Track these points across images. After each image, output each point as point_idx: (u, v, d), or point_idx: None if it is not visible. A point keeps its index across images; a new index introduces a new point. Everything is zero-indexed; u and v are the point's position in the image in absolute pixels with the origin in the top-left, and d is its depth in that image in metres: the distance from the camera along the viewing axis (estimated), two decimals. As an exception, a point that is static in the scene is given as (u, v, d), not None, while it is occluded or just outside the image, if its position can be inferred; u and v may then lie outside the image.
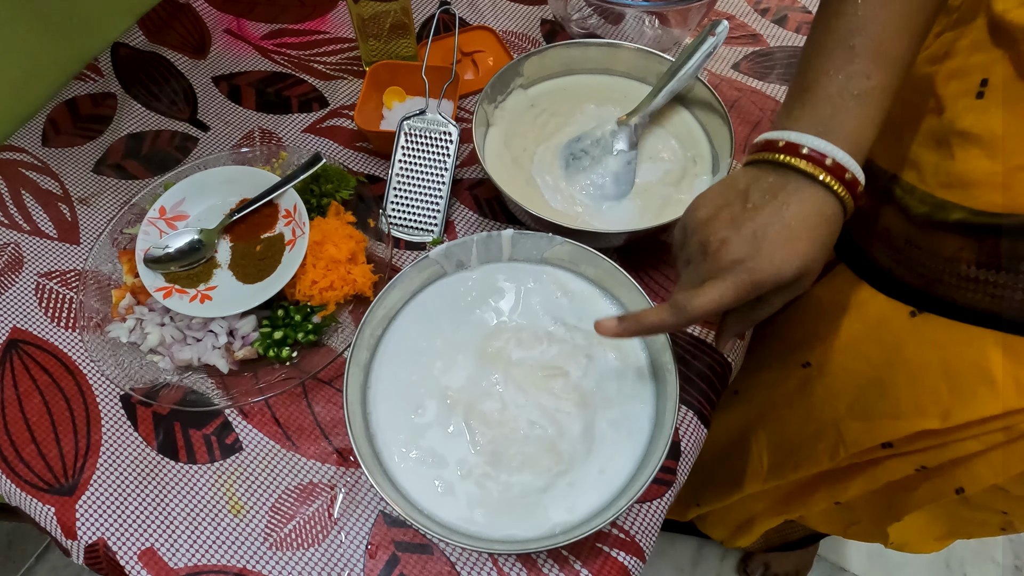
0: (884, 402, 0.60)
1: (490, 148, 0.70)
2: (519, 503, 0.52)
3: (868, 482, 0.67)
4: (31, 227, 0.72)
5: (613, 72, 0.75)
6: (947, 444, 0.57)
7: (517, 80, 0.73)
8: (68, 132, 0.79)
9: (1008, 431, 0.53)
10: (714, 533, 1.15)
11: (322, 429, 0.61)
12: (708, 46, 0.66)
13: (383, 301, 0.57)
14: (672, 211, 0.66)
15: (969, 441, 0.55)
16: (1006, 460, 0.55)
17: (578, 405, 0.55)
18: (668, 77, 0.68)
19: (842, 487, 0.71)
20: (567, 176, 0.69)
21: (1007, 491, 0.60)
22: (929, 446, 0.59)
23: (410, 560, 0.55)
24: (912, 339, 0.57)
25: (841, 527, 0.87)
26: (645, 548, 0.56)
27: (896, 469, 0.63)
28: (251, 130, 0.79)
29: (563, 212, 0.67)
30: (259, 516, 0.57)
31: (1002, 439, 0.54)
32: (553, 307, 0.60)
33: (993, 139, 0.47)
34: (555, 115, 0.73)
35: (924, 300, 0.55)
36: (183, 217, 0.67)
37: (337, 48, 0.87)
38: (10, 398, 0.62)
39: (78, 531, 0.56)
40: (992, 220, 0.47)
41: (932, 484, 0.63)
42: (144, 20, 0.88)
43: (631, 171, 0.68)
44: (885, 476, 0.64)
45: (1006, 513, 0.64)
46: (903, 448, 0.61)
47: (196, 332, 0.62)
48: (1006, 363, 0.51)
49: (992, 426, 0.53)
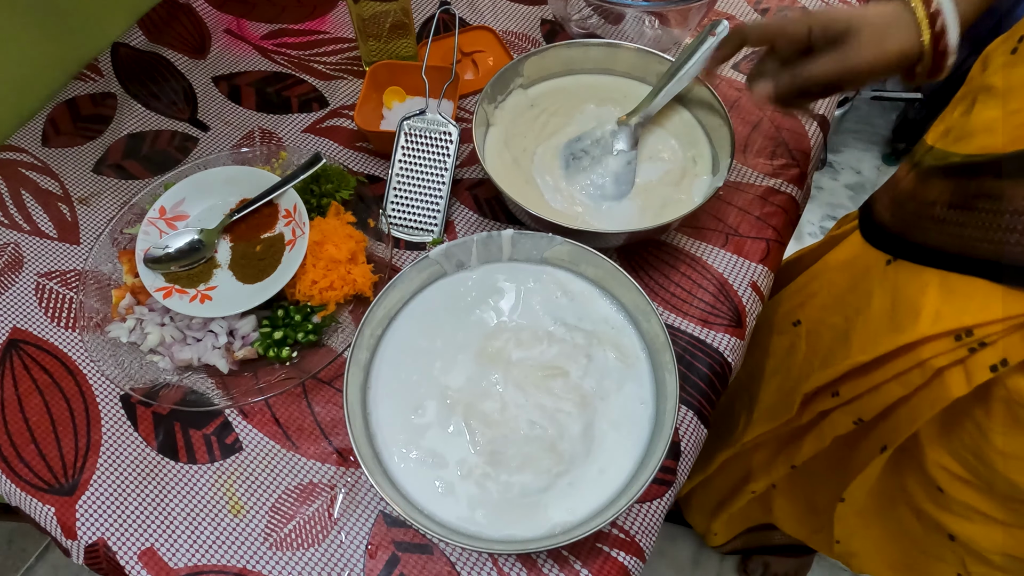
0: (843, 350, 0.63)
1: (490, 148, 0.70)
2: (519, 503, 0.52)
3: (817, 440, 0.69)
4: (31, 227, 0.72)
5: (613, 72, 0.75)
6: (878, 388, 0.59)
7: (517, 80, 0.73)
8: (68, 132, 0.79)
9: (923, 370, 0.54)
10: (695, 521, 1.16)
11: (322, 429, 0.61)
12: (708, 46, 0.65)
13: (383, 301, 0.57)
14: (672, 211, 0.66)
15: (893, 384, 0.57)
16: (920, 405, 0.56)
17: (578, 405, 0.55)
18: (668, 77, 0.68)
19: (796, 447, 0.74)
20: (567, 176, 0.69)
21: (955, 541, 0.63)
22: (864, 391, 0.60)
23: (410, 560, 0.55)
24: (880, 287, 0.60)
25: (807, 532, 0.89)
26: (645, 548, 0.56)
27: (839, 423, 0.65)
28: (251, 130, 0.79)
29: (563, 212, 0.67)
30: (259, 516, 0.57)
31: (919, 381, 0.55)
32: (553, 307, 0.60)
33: (1009, 90, 0.48)
34: (555, 115, 0.73)
35: (901, 246, 0.57)
36: (183, 217, 0.67)
37: (337, 48, 0.87)
38: (10, 398, 0.62)
39: (78, 531, 0.56)
40: (968, 160, 0.50)
41: (867, 441, 0.65)
42: (144, 20, 0.88)
43: (631, 171, 0.68)
44: (831, 431, 0.66)
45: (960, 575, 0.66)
46: (846, 395, 0.63)
47: (196, 332, 0.62)
48: (935, 297, 0.52)
49: (910, 360, 0.55)
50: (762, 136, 0.78)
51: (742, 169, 0.76)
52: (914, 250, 0.56)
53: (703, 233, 0.71)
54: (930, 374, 0.54)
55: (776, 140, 0.78)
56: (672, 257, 0.70)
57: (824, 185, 1.90)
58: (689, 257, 0.70)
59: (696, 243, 0.71)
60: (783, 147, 0.78)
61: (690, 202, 0.66)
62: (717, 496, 1.01)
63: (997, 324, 0.48)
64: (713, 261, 0.70)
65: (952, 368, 0.52)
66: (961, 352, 0.51)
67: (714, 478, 0.96)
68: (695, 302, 0.67)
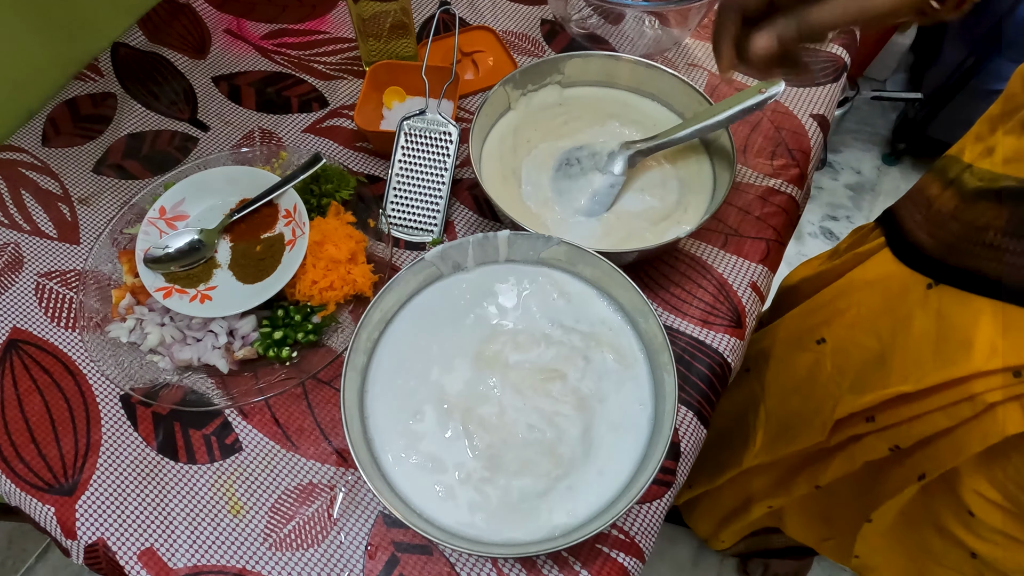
0: (879, 374, 0.61)
1: (499, 129, 0.71)
2: (519, 507, 0.52)
3: (846, 462, 0.67)
4: (31, 227, 0.72)
5: (651, 95, 0.74)
6: (920, 417, 0.57)
7: (556, 76, 0.73)
8: (68, 132, 0.79)
9: (973, 404, 0.52)
10: (700, 527, 1.14)
11: (322, 429, 0.61)
12: (752, 103, 0.62)
13: (379, 304, 0.57)
14: (633, 244, 0.64)
15: (938, 415, 0.55)
16: (966, 438, 0.55)
17: (576, 408, 0.55)
18: (695, 120, 0.66)
19: (822, 467, 0.72)
20: (554, 179, 0.69)
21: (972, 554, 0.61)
22: (903, 419, 0.59)
23: (409, 561, 0.55)
24: (922, 311, 0.57)
25: (816, 539, 0.88)
26: (645, 549, 0.57)
27: (872, 447, 0.63)
28: (251, 130, 0.79)
29: (528, 208, 0.67)
30: (259, 516, 0.57)
31: (968, 414, 0.53)
32: (550, 309, 0.60)
33: None
34: (577, 120, 0.73)
35: (943, 271, 0.55)
36: (183, 217, 0.67)
37: (337, 48, 0.87)
38: (10, 398, 0.62)
39: (78, 531, 0.57)
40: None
41: (902, 468, 0.63)
42: (144, 20, 0.88)
43: (611, 195, 0.67)
44: (862, 455, 0.65)
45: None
46: (883, 422, 0.61)
47: (196, 332, 0.62)
48: (988, 329, 0.50)
49: (960, 392, 0.53)
50: (762, 136, 0.78)
51: (742, 169, 0.76)
52: (962, 276, 0.54)
53: (703, 233, 0.71)
54: (980, 408, 0.52)
55: (776, 140, 0.78)
56: (671, 257, 0.70)
57: (824, 185, 1.90)
58: (688, 257, 0.70)
59: (696, 243, 0.71)
60: (783, 147, 0.78)
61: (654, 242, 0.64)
62: (729, 505, 0.99)
63: None
64: (713, 261, 0.70)
65: (1007, 404, 0.51)
66: (1018, 389, 0.49)
67: (724, 488, 0.94)
68: (694, 302, 0.67)
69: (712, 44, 0.49)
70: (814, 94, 0.82)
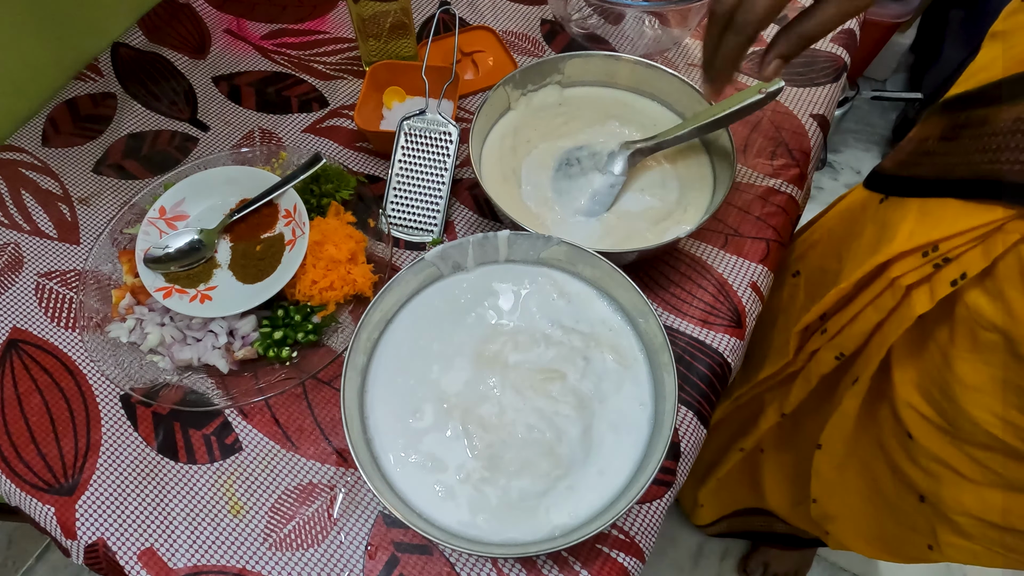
0: (833, 285, 0.64)
1: (499, 129, 0.71)
2: (519, 507, 0.52)
3: (804, 382, 0.71)
4: (31, 227, 0.72)
5: (652, 95, 0.74)
6: (857, 317, 0.61)
7: (556, 76, 0.74)
8: (68, 132, 0.79)
9: (894, 290, 0.56)
10: (683, 494, 1.17)
11: (322, 429, 0.61)
12: (752, 102, 0.62)
13: (379, 305, 0.57)
14: (633, 244, 0.64)
15: (869, 310, 0.59)
16: (890, 328, 0.59)
17: (576, 408, 0.55)
18: (695, 120, 0.66)
19: (785, 393, 0.75)
20: (554, 179, 0.69)
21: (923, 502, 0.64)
22: (846, 323, 0.63)
23: (409, 561, 0.55)
24: (872, 223, 0.62)
25: (790, 504, 0.90)
26: (645, 549, 0.57)
27: (823, 360, 0.67)
28: (251, 130, 0.79)
29: (528, 208, 0.67)
30: (259, 516, 0.57)
31: (891, 303, 0.57)
32: (550, 309, 0.60)
33: (1009, 32, 0.52)
34: (576, 120, 0.73)
35: (892, 184, 0.60)
36: (183, 217, 0.67)
37: (337, 48, 0.87)
38: (10, 398, 0.62)
39: (78, 531, 0.57)
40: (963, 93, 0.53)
41: (846, 377, 0.67)
42: (144, 20, 0.88)
43: (611, 195, 0.67)
44: (816, 370, 0.68)
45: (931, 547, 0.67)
46: (832, 330, 0.65)
47: (196, 332, 0.62)
48: (911, 221, 0.55)
49: (883, 281, 0.57)
50: (762, 136, 0.78)
51: (742, 169, 0.76)
52: (904, 184, 0.58)
53: (702, 233, 0.71)
54: (900, 295, 0.56)
55: (776, 140, 0.78)
56: (671, 257, 0.70)
57: (824, 185, 1.90)
58: (688, 257, 0.70)
59: (695, 243, 0.71)
60: (783, 147, 0.78)
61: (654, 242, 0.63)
62: (708, 458, 1.01)
63: (959, 238, 0.50)
64: (713, 261, 0.70)
65: (919, 287, 0.55)
66: (927, 269, 0.53)
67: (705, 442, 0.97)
68: (694, 302, 0.67)
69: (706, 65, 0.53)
70: (814, 94, 0.82)
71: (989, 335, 0.51)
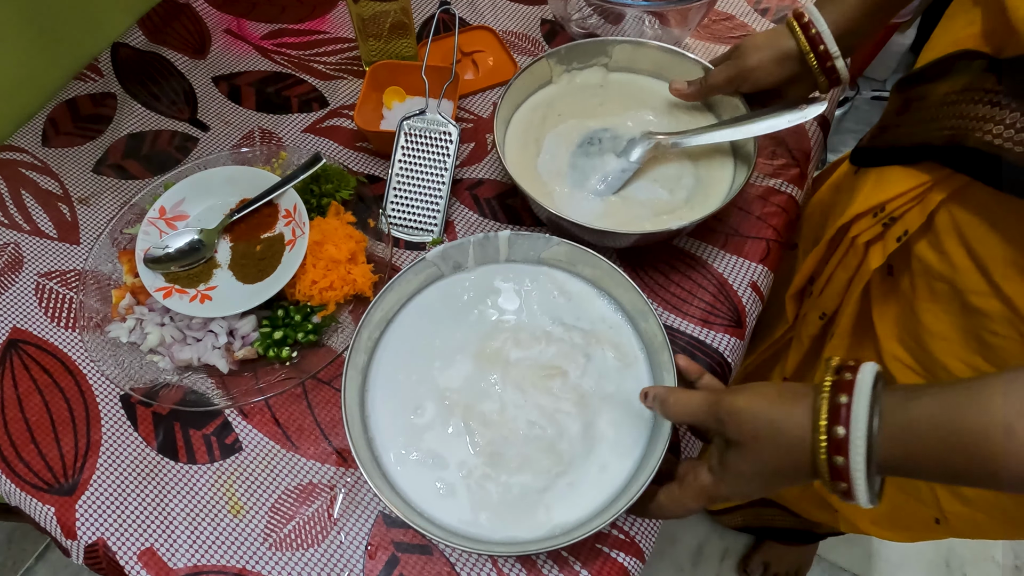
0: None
1: (534, 100, 0.74)
2: (519, 504, 0.52)
3: (799, 345, 0.74)
4: (31, 227, 0.72)
5: None
6: (831, 279, 0.66)
7: (602, 59, 0.75)
8: (68, 132, 0.79)
9: (856, 249, 0.61)
10: None
11: (322, 429, 0.61)
12: (785, 120, 0.64)
13: (380, 304, 0.57)
14: (630, 229, 0.64)
15: (839, 271, 0.64)
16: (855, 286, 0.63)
17: (577, 405, 0.55)
18: (722, 125, 0.67)
19: (784, 360, 0.79)
20: (573, 154, 0.70)
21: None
22: (824, 283, 0.67)
23: (410, 560, 0.55)
24: (846, 192, 0.67)
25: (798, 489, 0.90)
26: (645, 549, 0.56)
27: (810, 321, 0.71)
28: (251, 130, 0.79)
29: (538, 176, 0.69)
30: (259, 516, 0.57)
31: (855, 261, 0.62)
32: (551, 307, 0.60)
33: (950, 15, 0.56)
34: (612, 102, 0.74)
35: (866, 156, 0.63)
36: (183, 217, 0.67)
37: (337, 48, 0.87)
38: (10, 398, 0.62)
39: (78, 531, 0.57)
40: (913, 72, 0.58)
41: (828, 334, 0.71)
42: (144, 20, 0.88)
43: (621, 179, 0.68)
44: (805, 332, 0.72)
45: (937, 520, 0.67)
46: (815, 292, 0.69)
47: (196, 332, 0.62)
48: (868, 187, 0.60)
49: (847, 243, 0.62)
50: (762, 136, 0.78)
51: (742, 169, 0.76)
52: (869, 155, 0.63)
53: (703, 233, 0.71)
54: (861, 253, 0.61)
55: (776, 140, 0.78)
56: (671, 257, 0.70)
57: (824, 185, 1.90)
58: (688, 257, 0.70)
59: (696, 243, 0.71)
60: (783, 147, 0.78)
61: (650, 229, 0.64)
62: None
63: (901, 199, 0.56)
64: (713, 261, 0.70)
65: (875, 244, 0.60)
66: (878, 228, 0.59)
67: None
68: (695, 302, 0.67)
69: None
70: (814, 94, 0.82)
71: (940, 285, 0.56)
